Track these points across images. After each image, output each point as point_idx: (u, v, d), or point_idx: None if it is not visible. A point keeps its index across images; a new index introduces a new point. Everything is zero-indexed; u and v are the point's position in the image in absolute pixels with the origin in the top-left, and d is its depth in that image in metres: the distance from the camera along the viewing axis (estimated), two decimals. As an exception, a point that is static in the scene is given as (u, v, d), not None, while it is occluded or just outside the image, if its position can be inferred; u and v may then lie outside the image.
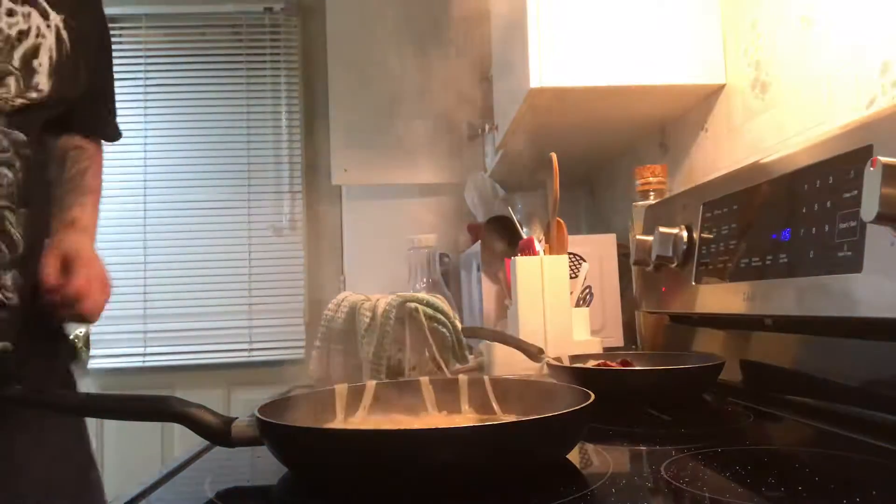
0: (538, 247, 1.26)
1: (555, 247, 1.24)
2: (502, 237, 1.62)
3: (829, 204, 0.71)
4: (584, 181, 2.24)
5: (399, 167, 2.50)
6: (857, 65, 0.88)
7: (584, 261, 1.39)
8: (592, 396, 0.58)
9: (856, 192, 0.67)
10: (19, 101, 0.74)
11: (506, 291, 1.49)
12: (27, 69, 0.74)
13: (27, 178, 0.78)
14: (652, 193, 1.26)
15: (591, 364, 0.94)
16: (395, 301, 0.98)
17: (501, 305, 1.59)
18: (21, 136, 0.75)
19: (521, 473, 0.52)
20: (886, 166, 0.58)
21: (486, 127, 1.99)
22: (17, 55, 0.73)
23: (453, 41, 2.26)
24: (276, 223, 2.78)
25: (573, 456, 0.59)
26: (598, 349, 1.14)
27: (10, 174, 0.75)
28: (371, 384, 0.71)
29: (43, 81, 0.76)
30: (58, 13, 0.76)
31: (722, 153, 1.25)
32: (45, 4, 0.75)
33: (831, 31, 0.94)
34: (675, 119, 1.45)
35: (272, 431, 0.54)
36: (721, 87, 1.25)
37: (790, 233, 0.78)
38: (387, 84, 2.43)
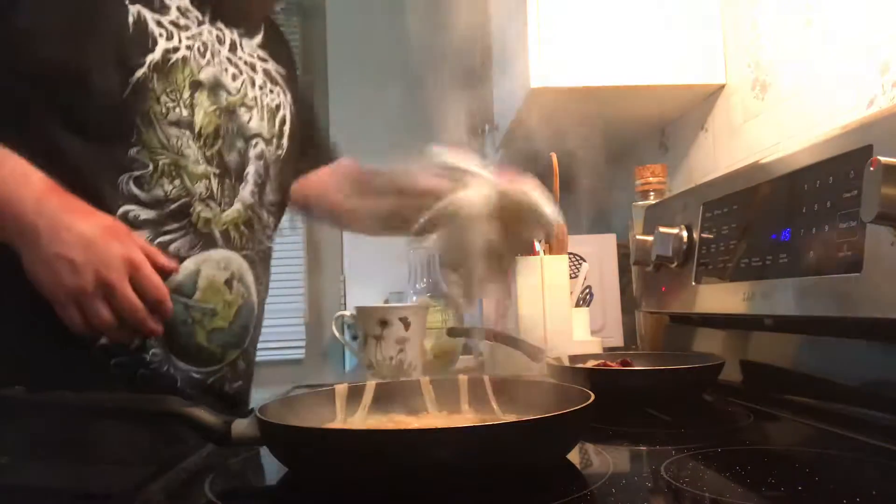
0: (538, 247, 1.26)
1: (555, 247, 1.24)
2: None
3: (829, 204, 0.71)
4: (584, 181, 2.24)
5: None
6: (857, 65, 0.88)
7: (584, 261, 1.39)
8: (592, 396, 0.58)
9: (856, 192, 0.67)
10: (275, 157, 0.95)
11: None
12: (280, 133, 0.96)
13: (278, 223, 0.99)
14: (652, 193, 1.26)
15: (591, 364, 0.94)
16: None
17: (501, 305, 1.59)
18: (280, 188, 0.97)
19: (521, 473, 0.52)
20: (886, 166, 0.58)
21: (486, 127, 1.99)
22: (277, 122, 0.96)
23: (454, 41, 2.26)
24: (276, 223, 2.78)
25: (573, 456, 0.59)
26: (598, 349, 1.14)
27: (273, 220, 0.96)
28: (371, 384, 0.71)
29: (285, 142, 0.97)
30: (291, 91, 1.00)
31: (722, 153, 1.25)
32: (284, 86, 0.98)
33: (831, 32, 0.94)
34: (675, 119, 1.45)
35: (272, 431, 0.54)
36: (721, 87, 1.25)
37: (790, 233, 0.78)
38: (387, 84, 2.43)
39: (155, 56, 0.77)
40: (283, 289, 2.85)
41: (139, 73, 0.76)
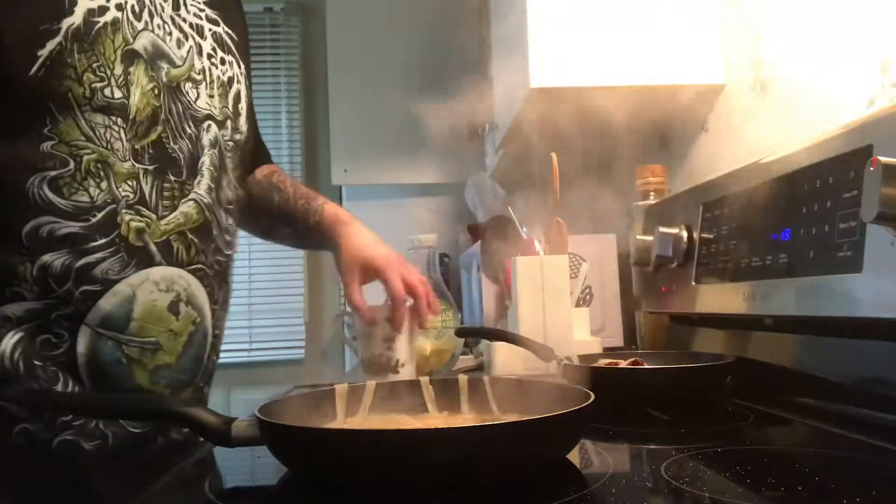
0: (538, 247, 1.25)
1: (555, 247, 1.24)
2: (502, 237, 1.62)
3: (829, 204, 0.71)
4: (584, 181, 2.24)
5: (399, 167, 2.49)
6: (857, 65, 0.88)
7: (584, 261, 1.39)
8: (592, 396, 0.58)
9: (856, 192, 0.67)
10: (232, 143, 0.79)
11: (506, 291, 1.48)
12: (235, 112, 0.79)
13: (238, 221, 0.84)
14: (652, 193, 1.26)
15: (601, 363, 0.93)
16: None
17: (501, 305, 1.59)
18: (236, 183, 0.81)
19: (521, 473, 0.52)
20: (886, 166, 0.58)
21: (486, 127, 1.99)
22: (231, 99, 0.79)
23: (453, 40, 2.26)
24: (277, 223, 2.78)
25: (573, 456, 0.59)
26: (598, 349, 1.13)
27: (232, 221, 0.80)
28: (371, 384, 0.71)
29: (242, 123, 0.81)
30: (245, 63, 0.84)
31: (722, 153, 1.25)
32: (237, 55, 0.81)
33: (831, 32, 0.94)
34: (675, 119, 1.45)
35: (272, 431, 0.54)
36: (721, 87, 1.25)
37: (790, 233, 0.78)
38: (387, 84, 2.43)
39: (74, 20, 0.60)
40: (283, 289, 2.85)
41: (52, 43, 0.58)
